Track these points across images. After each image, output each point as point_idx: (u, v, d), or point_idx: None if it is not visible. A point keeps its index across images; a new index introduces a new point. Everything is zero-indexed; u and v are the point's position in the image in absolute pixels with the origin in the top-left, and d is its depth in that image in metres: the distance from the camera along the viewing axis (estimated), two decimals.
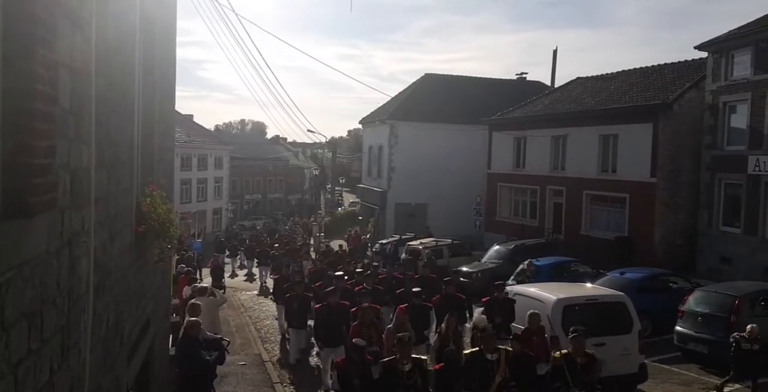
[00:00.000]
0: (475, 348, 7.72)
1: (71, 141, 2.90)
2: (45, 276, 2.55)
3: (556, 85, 33.13)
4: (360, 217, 39.78)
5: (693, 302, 11.80)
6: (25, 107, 2.34)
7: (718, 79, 18.96)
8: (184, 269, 15.70)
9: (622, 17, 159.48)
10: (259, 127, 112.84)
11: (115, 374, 4.26)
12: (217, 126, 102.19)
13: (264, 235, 34.95)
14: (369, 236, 32.47)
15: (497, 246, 21.11)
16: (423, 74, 36.64)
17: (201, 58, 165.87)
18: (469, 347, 8.98)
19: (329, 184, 50.32)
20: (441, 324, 9.74)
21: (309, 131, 62.54)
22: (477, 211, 27.32)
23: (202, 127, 52.78)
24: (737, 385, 10.13)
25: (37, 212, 2.43)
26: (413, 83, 36.86)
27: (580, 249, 20.46)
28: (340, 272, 13.82)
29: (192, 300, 10.47)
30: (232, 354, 11.07)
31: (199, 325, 8.16)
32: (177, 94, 8.43)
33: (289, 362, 11.91)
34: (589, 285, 12.29)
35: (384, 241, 26.23)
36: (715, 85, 19.01)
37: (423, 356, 7.65)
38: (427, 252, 20.68)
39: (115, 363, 4.24)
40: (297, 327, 12.00)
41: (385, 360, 7.08)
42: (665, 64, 23.84)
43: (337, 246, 28.44)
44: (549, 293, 10.18)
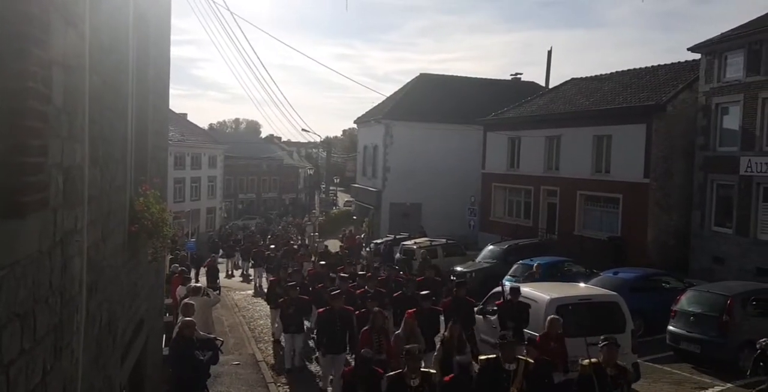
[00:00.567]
0: (490, 355, 7.07)
1: (64, 139, 2.88)
2: (37, 275, 2.54)
3: (551, 85, 33.23)
4: (354, 217, 39.76)
5: (685, 302, 11.85)
6: (18, 106, 2.32)
7: (710, 81, 19.05)
8: (178, 269, 15.67)
9: (616, 18, 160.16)
10: (254, 126, 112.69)
11: (108, 374, 4.24)
12: (211, 125, 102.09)
13: (258, 236, 34.87)
14: (364, 236, 32.45)
15: (491, 246, 21.15)
16: (418, 74, 36.76)
17: (195, 57, 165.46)
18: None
19: (324, 184, 50.31)
20: (444, 331, 8.98)
21: (304, 130, 62.35)
22: (471, 211, 27.37)
23: (196, 125, 52.60)
24: (729, 385, 10.20)
25: (30, 211, 2.41)
26: (408, 83, 36.93)
27: (573, 249, 20.53)
28: (344, 274, 13.19)
29: (185, 300, 10.45)
30: (225, 354, 11.07)
31: (194, 325, 8.14)
32: (171, 92, 8.41)
33: (285, 367, 11.33)
34: (582, 285, 12.33)
35: (378, 241, 26.23)
36: (708, 86, 19.11)
37: (432, 369, 7.13)
38: (421, 252, 20.69)
39: (108, 363, 4.22)
40: (293, 332, 11.27)
41: (392, 374, 6.60)
42: (659, 66, 23.96)
43: (337, 246, 28.20)
44: (542, 293, 10.19)
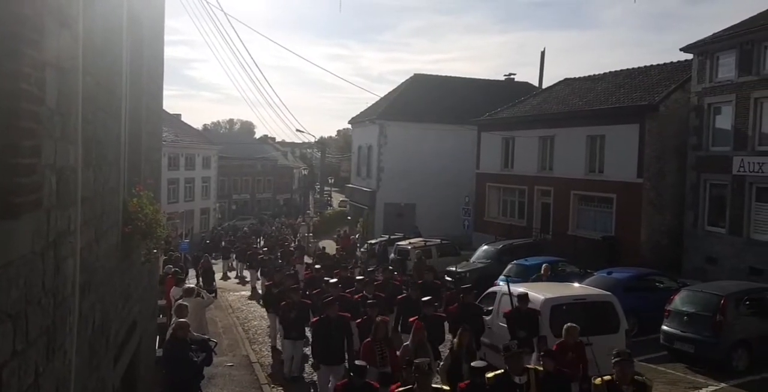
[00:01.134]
0: (498, 370, 6.64)
1: (57, 140, 2.87)
2: (30, 276, 2.53)
3: (544, 85, 33.30)
4: (349, 217, 39.74)
5: (679, 302, 11.89)
6: (11, 106, 2.32)
7: (703, 81, 19.14)
8: (171, 270, 15.61)
9: (609, 19, 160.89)
10: (248, 127, 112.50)
11: (101, 375, 4.23)
12: (205, 125, 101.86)
13: (253, 237, 34.81)
14: (358, 236, 32.45)
15: (485, 246, 21.19)
16: (412, 74, 36.74)
17: (189, 57, 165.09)
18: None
19: (318, 184, 50.21)
20: (453, 339, 8.34)
21: (298, 131, 62.69)
22: (465, 211, 27.38)
23: (190, 126, 52.49)
24: (722, 384, 10.25)
25: (23, 212, 2.40)
26: (402, 83, 36.93)
27: (567, 249, 20.59)
28: (333, 280, 12.57)
29: (179, 301, 10.41)
30: (219, 356, 11.02)
31: (188, 327, 8.11)
32: (164, 93, 8.39)
33: (284, 377, 10.74)
34: (576, 284, 12.37)
35: (373, 241, 26.24)
36: (700, 86, 19.20)
37: (445, 385, 6.67)
38: (416, 252, 20.69)
39: (101, 364, 4.20)
40: (295, 339, 10.66)
41: (401, 390, 6.12)
42: (651, 66, 24.05)
43: (333, 247, 27.96)
44: (537, 293, 10.21)
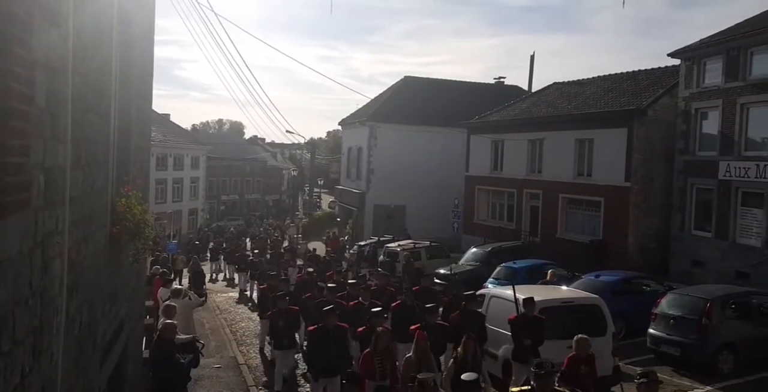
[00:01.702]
0: (524, 386, 6.31)
1: (46, 140, 2.86)
2: (17, 277, 2.51)
3: (534, 89, 33.52)
4: (338, 219, 39.70)
5: (665, 305, 11.98)
6: (0, 105, 2.30)
7: (690, 86, 19.35)
8: (159, 270, 15.52)
9: (598, 23, 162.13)
10: (237, 127, 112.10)
11: (88, 377, 4.20)
12: (194, 125, 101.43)
13: (243, 239, 34.65)
14: (347, 238, 32.42)
15: (474, 249, 21.25)
16: (402, 77, 36.86)
17: (179, 57, 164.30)
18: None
19: (308, 185, 50.10)
20: (458, 348, 7.86)
21: (288, 132, 62.67)
22: (455, 214, 27.47)
23: (178, 126, 52.17)
24: (708, 387, 10.35)
25: (10, 212, 2.39)
26: (393, 85, 37.01)
27: (555, 252, 20.70)
28: (332, 284, 12.10)
29: (167, 302, 10.35)
30: (206, 357, 10.97)
31: (175, 328, 8.07)
32: (154, 92, 8.34)
33: (275, 389, 10.15)
34: (564, 287, 12.43)
35: (362, 243, 26.22)
36: (688, 91, 19.40)
37: None
38: (405, 254, 20.70)
39: (87, 365, 4.17)
40: (286, 348, 10.15)
41: None
42: (640, 71, 24.27)
43: (322, 249, 27.80)
44: (525, 295, 10.24)
